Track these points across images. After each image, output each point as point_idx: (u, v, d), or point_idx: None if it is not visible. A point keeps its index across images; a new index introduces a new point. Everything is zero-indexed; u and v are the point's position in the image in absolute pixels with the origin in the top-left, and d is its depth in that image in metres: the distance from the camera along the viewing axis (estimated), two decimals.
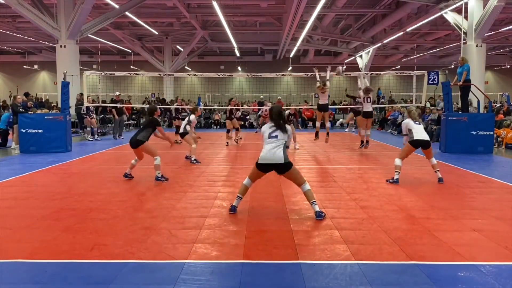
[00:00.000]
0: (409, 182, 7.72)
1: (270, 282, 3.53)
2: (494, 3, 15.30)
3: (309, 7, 17.47)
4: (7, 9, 19.90)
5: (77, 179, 8.02)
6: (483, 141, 11.58)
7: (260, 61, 38.15)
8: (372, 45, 27.43)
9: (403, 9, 20.08)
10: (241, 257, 4.00)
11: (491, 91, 32.96)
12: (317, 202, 5.37)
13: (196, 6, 22.46)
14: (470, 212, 5.65)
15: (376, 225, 4.99)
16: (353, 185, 7.45)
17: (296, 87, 37.30)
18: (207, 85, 37.49)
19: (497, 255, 4.11)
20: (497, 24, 22.50)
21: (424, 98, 13.36)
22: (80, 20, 17.68)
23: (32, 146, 11.64)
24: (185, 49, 30.69)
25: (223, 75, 18.77)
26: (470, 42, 16.70)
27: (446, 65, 36.13)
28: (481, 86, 15.81)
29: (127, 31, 27.94)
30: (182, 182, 7.66)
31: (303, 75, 15.91)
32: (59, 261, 3.91)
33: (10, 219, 5.24)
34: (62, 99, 12.58)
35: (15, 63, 37.83)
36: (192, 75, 31.34)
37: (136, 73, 21.35)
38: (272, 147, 5.26)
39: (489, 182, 7.73)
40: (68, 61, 17.77)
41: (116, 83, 31.16)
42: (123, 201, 6.16)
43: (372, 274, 3.64)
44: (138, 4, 19.17)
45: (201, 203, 6.08)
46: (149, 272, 3.69)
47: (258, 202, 6.12)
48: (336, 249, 4.22)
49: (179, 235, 4.62)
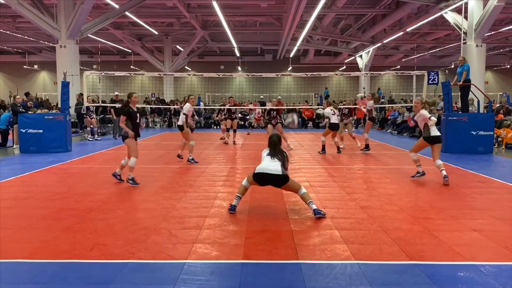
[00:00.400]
0: (409, 182, 7.72)
1: (270, 282, 3.53)
2: (494, 3, 15.30)
3: (309, 7, 17.48)
4: (7, 9, 19.91)
5: (77, 179, 8.02)
6: (483, 141, 11.58)
7: (260, 61, 38.17)
8: (372, 45, 27.45)
9: (403, 9, 20.09)
10: (241, 257, 4.00)
11: (491, 91, 32.97)
12: (313, 202, 5.43)
13: (196, 6, 22.47)
14: (470, 212, 5.65)
15: (376, 225, 4.99)
16: (353, 185, 7.45)
17: (296, 87, 37.34)
18: (207, 85, 37.51)
19: (497, 255, 4.11)
20: (497, 24, 22.51)
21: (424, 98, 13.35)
22: (80, 20, 17.69)
23: (32, 146, 11.64)
24: (185, 49, 30.71)
25: (223, 75, 18.78)
26: (470, 42, 16.70)
27: (446, 65, 36.15)
28: (481, 86, 15.82)
29: (127, 31, 27.95)
30: (182, 182, 7.66)
31: (303, 75, 15.91)
32: (59, 261, 3.91)
33: (10, 219, 5.24)
34: (62, 99, 12.58)
35: (15, 63, 37.85)
36: (192, 75, 31.38)
37: (136, 73, 21.39)
38: (271, 160, 5.52)
39: (489, 182, 7.72)
40: (68, 61, 17.79)
41: (116, 83, 31.17)
42: (123, 201, 6.16)
43: (372, 274, 3.64)
44: (138, 4, 19.18)
45: (201, 203, 6.08)
46: (149, 272, 3.69)
47: (258, 202, 6.12)
48: (336, 249, 4.22)
49: (179, 235, 4.62)
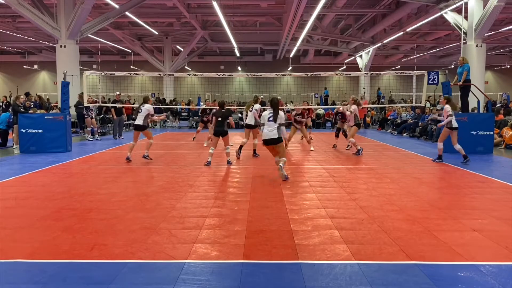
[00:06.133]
0: (409, 182, 7.72)
1: (270, 282, 3.53)
2: (494, 3, 15.30)
3: (309, 7, 17.48)
4: (7, 9, 19.90)
5: (77, 179, 8.02)
6: (483, 141, 11.59)
7: (260, 61, 38.17)
8: (372, 45, 27.44)
9: (403, 9, 20.09)
10: (241, 257, 4.00)
11: (491, 91, 33.00)
12: (284, 169, 7.58)
13: (196, 6, 22.47)
14: (470, 212, 5.65)
15: (376, 225, 5.00)
16: (353, 185, 7.45)
17: (296, 87, 37.34)
18: (207, 85, 37.52)
19: (497, 255, 4.11)
20: (497, 24, 22.51)
21: (424, 98, 13.36)
22: (80, 20, 17.68)
23: (32, 146, 11.65)
24: (185, 49, 30.70)
25: (223, 75, 18.76)
26: (470, 42, 16.70)
27: (446, 65, 36.15)
28: (481, 86, 15.81)
29: (127, 31, 27.95)
30: (182, 182, 7.66)
31: (303, 75, 15.88)
32: (59, 261, 3.91)
33: (10, 219, 5.24)
34: (62, 99, 12.58)
35: (15, 63, 37.86)
36: (192, 75, 31.39)
37: (136, 73, 21.41)
38: (270, 130, 7.76)
39: (489, 182, 7.73)
40: (68, 61, 17.77)
41: (116, 83, 31.17)
42: (123, 201, 6.16)
43: (372, 274, 3.64)
44: (138, 4, 19.17)
45: (201, 203, 6.08)
46: (149, 272, 3.69)
47: (258, 202, 6.11)
48: (336, 249, 4.22)
49: (179, 235, 4.62)
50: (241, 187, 7.28)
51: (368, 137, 17.05)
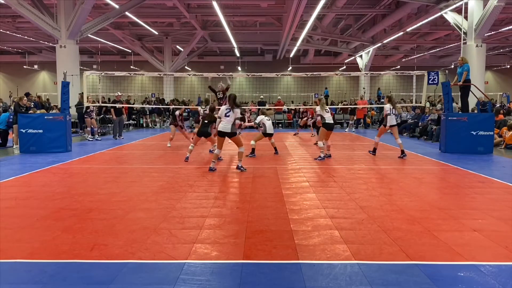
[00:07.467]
0: (409, 182, 7.72)
1: (270, 282, 3.53)
2: (494, 3, 15.31)
3: (309, 7, 17.48)
4: (7, 9, 19.91)
5: (77, 179, 8.02)
6: (483, 141, 11.59)
7: (260, 61, 38.17)
8: (372, 45, 27.45)
9: (403, 9, 20.10)
10: (241, 257, 4.00)
11: (491, 91, 33.00)
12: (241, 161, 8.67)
13: (196, 6, 22.47)
14: (470, 212, 5.65)
15: (376, 225, 4.99)
16: (353, 185, 7.45)
17: (296, 87, 37.34)
18: (207, 85, 37.45)
19: (497, 255, 4.10)
20: (497, 24, 22.53)
21: (424, 98, 13.36)
22: (80, 20, 17.69)
23: (32, 146, 11.64)
24: (185, 49, 30.71)
25: (223, 75, 18.73)
26: (470, 42, 16.71)
27: (446, 65, 36.14)
28: (481, 86, 15.82)
29: (127, 31, 27.95)
30: (182, 182, 7.66)
31: (303, 75, 15.89)
32: (59, 261, 3.91)
33: (10, 219, 5.24)
34: (62, 99, 12.58)
35: (15, 63, 37.86)
36: (192, 75, 31.36)
37: (136, 73, 21.40)
38: (225, 124, 8.53)
39: (489, 182, 7.72)
40: (68, 61, 17.79)
41: (116, 83, 31.21)
42: (123, 201, 6.16)
43: (372, 274, 3.63)
44: (138, 4, 19.18)
45: (201, 203, 6.08)
46: (149, 272, 3.69)
47: (258, 202, 6.11)
48: (336, 249, 4.22)
49: (179, 235, 4.62)
50: (241, 187, 7.28)
51: (368, 137, 17.06)
